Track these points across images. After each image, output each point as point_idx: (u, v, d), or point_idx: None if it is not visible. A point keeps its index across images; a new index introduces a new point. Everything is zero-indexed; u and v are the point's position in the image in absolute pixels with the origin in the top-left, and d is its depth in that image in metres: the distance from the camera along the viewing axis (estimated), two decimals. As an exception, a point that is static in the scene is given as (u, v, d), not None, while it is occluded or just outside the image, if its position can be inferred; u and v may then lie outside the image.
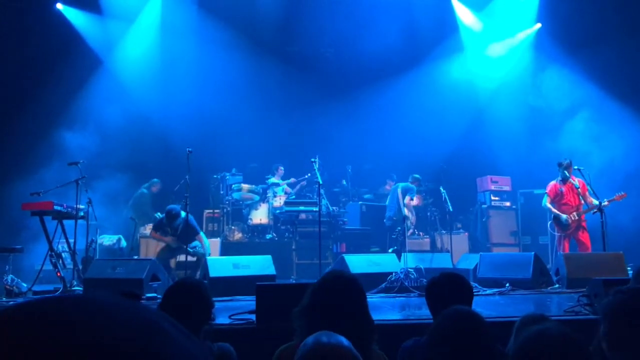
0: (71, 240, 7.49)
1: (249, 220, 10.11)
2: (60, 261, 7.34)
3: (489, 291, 6.44)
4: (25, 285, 6.94)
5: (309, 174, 10.49)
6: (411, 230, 9.98)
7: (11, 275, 7.06)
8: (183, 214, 7.74)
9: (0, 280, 6.84)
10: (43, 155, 9.20)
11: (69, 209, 7.38)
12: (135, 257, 8.67)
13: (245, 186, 10.35)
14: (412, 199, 9.97)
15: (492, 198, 11.16)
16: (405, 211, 9.68)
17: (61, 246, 7.72)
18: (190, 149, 7.61)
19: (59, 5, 10.93)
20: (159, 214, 8.82)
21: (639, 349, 1.55)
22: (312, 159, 7.96)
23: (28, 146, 9.49)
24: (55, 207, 7.20)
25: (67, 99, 10.23)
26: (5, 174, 8.84)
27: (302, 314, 2.29)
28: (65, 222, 7.48)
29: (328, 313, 2.20)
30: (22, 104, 9.76)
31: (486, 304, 5.36)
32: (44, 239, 7.44)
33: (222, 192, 10.61)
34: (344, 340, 1.56)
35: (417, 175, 10.23)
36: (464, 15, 12.49)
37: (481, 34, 12.52)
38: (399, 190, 9.96)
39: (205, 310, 2.67)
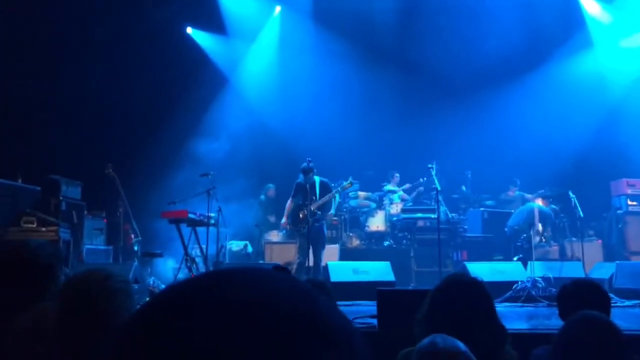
0: (203, 246, 8.07)
1: (366, 227, 10.21)
2: (194, 265, 7.94)
3: (627, 303, 5.95)
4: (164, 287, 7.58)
5: (424, 178, 10.38)
6: (538, 239, 9.45)
7: (153, 278, 7.77)
8: (317, 178, 7.97)
9: (144, 283, 7.52)
10: (177, 166, 10.01)
11: (202, 217, 7.96)
12: (261, 261, 9.14)
13: (361, 194, 10.48)
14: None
15: (629, 203, 10.24)
16: (538, 237, 9.22)
17: (194, 251, 8.34)
18: (309, 159, 7.89)
19: (189, 30, 11.88)
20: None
21: None
22: (430, 165, 7.88)
23: (163, 158, 10.35)
24: (190, 216, 7.81)
25: (197, 114, 11.08)
26: (146, 185, 9.73)
27: (422, 321, 2.27)
28: (198, 228, 8.10)
29: (449, 320, 2.13)
30: (158, 121, 10.67)
31: (625, 316, 4.96)
32: (176, 245, 8.12)
33: (339, 200, 10.82)
34: (460, 345, 1.55)
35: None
36: (592, 8, 11.68)
37: (612, 27, 11.61)
38: (537, 212, 9.40)
39: None
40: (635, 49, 11.40)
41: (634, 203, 10.22)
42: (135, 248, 8.35)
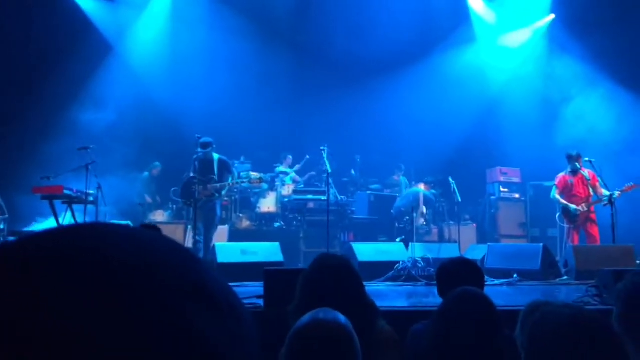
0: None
1: (257, 209, 10.13)
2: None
3: (496, 282, 6.42)
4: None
5: (308, 156, 10.58)
6: (422, 220, 9.97)
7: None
8: (216, 155, 7.77)
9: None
10: (53, 139, 9.24)
11: (79, 194, 7.42)
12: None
13: (253, 174, 10.35)
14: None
15: (502, 190, 11.11)
16: (421, 220, 9.77)
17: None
18: (199, 136, 7.62)
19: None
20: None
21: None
22: (321, 148, 7.95)
23: (38, 130, 9.53)
24: (66, 192, 7.25)
25: (77, 84, 10.26)
26: (16, 157, 8.90)
27: (296, 300, 2.28)
28: (74, 206, 7.53)
29: (320, 298, 2.17)
30: (33, 90, 9.80)
31: (494, 294, 5.27)
32: (49, 224, 7.51)
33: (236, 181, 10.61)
34: (341, 317, 1.55)
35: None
36: (477, 5, 12.38)
37: (494, 25, 12.41)
38: (421, 196, 9.93)
39: None
40: (513, 48, 12.27)
41: (506, 190, 11.10)
42: (1, 226, 7.62)
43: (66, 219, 7.50)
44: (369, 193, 10.66)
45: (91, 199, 7.58)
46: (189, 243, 7.68)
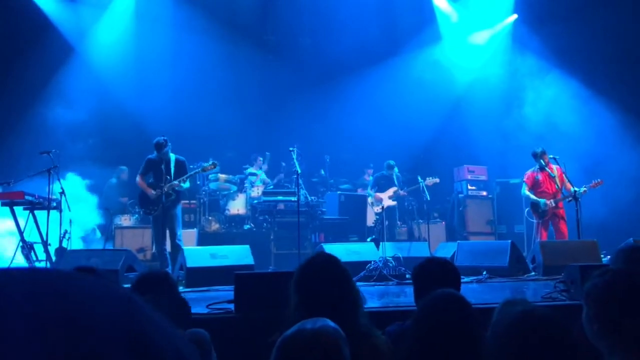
0: (43, 232, 7.31)
1: (227, 211, 10.01)
2: (32, 253, 7.18)
3: (466, 279, 6.46)
4: None
5: (268, 153, 10.53)
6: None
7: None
8: (173, 155, 7.40)
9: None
10: (12, 143, 8.95)
11: (41, 199, 7.20)
12: (110, 247, 8.54)
13: (222, 176, 10.23)
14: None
15: (469, 187, 11.25)
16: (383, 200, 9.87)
17: (33, 237, 7.52)
18: (165, 138, 7.46)
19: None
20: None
21: (630, 329, 1.54)
22: (291, 148, 7.89)
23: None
24: (27, 197, 7.03)
25: (37, 86, 9.96)
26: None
27: (292, 297, 2.24)
28: (37, 212, 7.30)
29: (317, 296, 2.17)
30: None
31: (464, 292, 5.32)
32: (14, 230, 7.28)
33: (198, 182, 10.46)
34: (329, 323, 1.51)
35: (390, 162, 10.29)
36: (442, 4, 12.52)
37: (459, 24, 12.56)
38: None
39: (175, 303, 2.60)
40: (478, 48, 12.43)
41: (473, 187, 11.24)
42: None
43: (28, 225, 7.28)
44: (339, 193, 10.65)
45: (54, 204, 7.36)
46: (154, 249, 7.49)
